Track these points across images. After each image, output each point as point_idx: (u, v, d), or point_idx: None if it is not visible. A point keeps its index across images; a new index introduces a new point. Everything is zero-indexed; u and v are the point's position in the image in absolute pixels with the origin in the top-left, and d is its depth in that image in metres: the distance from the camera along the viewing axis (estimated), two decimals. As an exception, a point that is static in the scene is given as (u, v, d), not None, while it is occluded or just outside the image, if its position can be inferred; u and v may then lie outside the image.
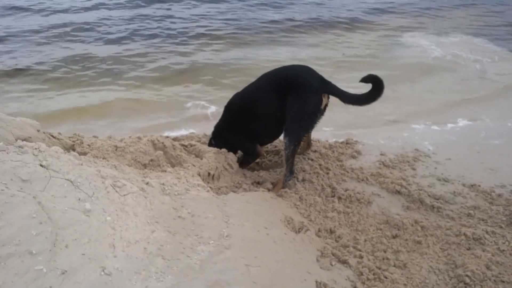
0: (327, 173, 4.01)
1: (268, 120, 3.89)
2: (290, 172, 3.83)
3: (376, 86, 3.58)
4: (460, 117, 5.75)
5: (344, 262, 2.86)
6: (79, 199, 2.21)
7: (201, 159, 3.73)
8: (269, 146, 4.66)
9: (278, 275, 2.40)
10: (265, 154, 4.50)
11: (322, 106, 3.76)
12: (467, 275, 2.75)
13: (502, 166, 4.27)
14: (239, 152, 4.28)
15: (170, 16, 10.97)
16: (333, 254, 2.92)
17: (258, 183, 3.90)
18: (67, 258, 1.91)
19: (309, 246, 2.94)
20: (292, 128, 3.71)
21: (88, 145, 3.32)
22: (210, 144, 4.24)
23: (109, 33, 9.60)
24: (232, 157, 4.02)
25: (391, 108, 6.08)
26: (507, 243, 3.12)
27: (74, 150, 3.23)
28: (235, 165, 4.02)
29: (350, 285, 2.65)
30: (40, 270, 1.79)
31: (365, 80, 3.63)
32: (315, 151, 4.49)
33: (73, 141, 3.37)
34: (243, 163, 4.19)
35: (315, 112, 3.75)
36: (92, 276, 1.91)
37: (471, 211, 3.50)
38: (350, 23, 10.96)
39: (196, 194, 2.98)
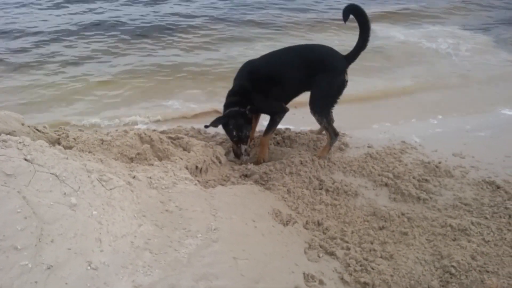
0: (315, 166, 4.02)
1: (291, 88, 4.21)
2: (335, 134, 4.23)
3: (360, 18, 3.92)
4: (444, 109, 5.82)
5: (331, 254, 2.87)
6: (65, 194, 2.19)
7: (189, 152, 3.72)
8: (258, 140, 4.66)
9: (266, 268, 2.41)
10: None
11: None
12: (452, 266, 2.79)
13: (488, 157, 4.32)
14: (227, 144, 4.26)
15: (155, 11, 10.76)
16: (320, 246, 2.93)
17: (246, 176, 3.89)
18: (53, 253, 1.89)
19: (297, 238, 2.95)
20: (318, 105, 4.10)
21: (74, 139, 3.28)
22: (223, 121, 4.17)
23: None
24: (220, 150, 4.01)
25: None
26: (492, 233, 3.17)
27: (59, 144, 3.19)
28: (223, 158, 4.01)
29: (337, 277, 2.67)
30: (26, 265, 1.78)
31: (347, 13, 3.96)
32: (302, 144, 4.51)
33: (59, 135, 3.33)
34: (272, 125, 4.24)
35: (340, 90, 4.11)
36: (78, 270, 1.90)
37: (457, 203, 3.54)
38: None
39: (183, 188, 2.97)
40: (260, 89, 4.10)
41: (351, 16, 3.97)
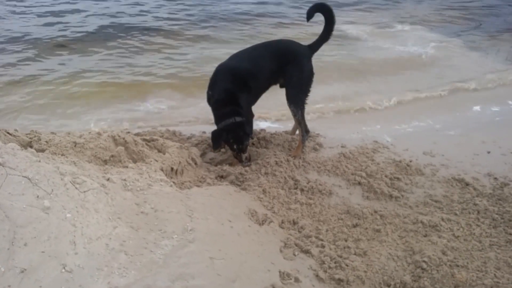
0: (290, 166, 4.06)
1: (264, 82, 4.31)
2: (306, 131, 4.40)
3: (327, 14, 4.21)
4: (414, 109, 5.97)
5: (306, 252, 2.91)
6: (38, 197, 2.16)
7: (164, 154, 3.71)
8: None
9: (242, 267, 2.43)
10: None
11: None
12: (424, 261, 2.86)
13: (457, 156, 4.44)
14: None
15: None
16: (296, 245, 2.97)
17: (222, 177, 3.91)
18: (26, 256, 1.87)
19: (272, 237, 2.98)
20: (295, 95, 4.24)
21: (46, 141, 3.23)
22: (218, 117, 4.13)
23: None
24: (195, 152, 4.01)
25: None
26: (461, 229, 3.27)
27: (31, 147, 3.14)
28: (199, 160, 4.01)
29: (312, 274, 2.71)
30: (-2, 269, 1.75)
31: (312, 12, 4.21)
32: (278, 145, 4.55)
33: (30, 138, 3.27)
34: (249, 130, 4.15)
35: (310, 77, 4.32)
36: (52, 273, 1.88)
37: (428, 200, 3.64)
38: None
39: (159, 189, 2.96)
40: (245, 88, 4.13)
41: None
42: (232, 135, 3.99)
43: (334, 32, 4.29)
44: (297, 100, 4.23)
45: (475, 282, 2.72)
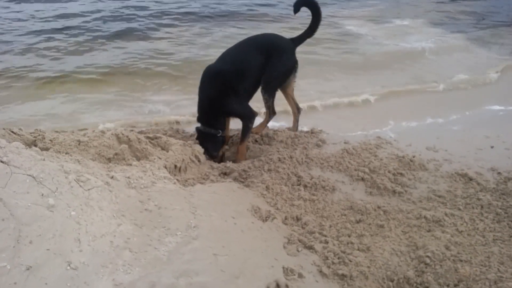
0: (293, 163, 4.07)
1: (254, 78, 4.40)
2: (273, 112, 4.69)
3: (313, 9, 4.35)
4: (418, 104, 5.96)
5: (310, 247, 2.92)
6: (42, 195, 2.18)
7: (167, 151, 3.72)
8: (234, 138, 4.70)
9: (246, 263, 2.44)
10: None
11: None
12: (427, 256, 2.86)
13: (461, 151, 4.44)
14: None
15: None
16: (299, 241, 2.98)
17: (225, 174, 3.92)
18: (32, 254, 1.89)
19: (276, 233, 2.99)
20: (269, 84, 4.42)
21: (50, 140, 3.25)
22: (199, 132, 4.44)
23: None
24: (198, 149, 4.02)
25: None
26: (465, 224, 3.26)
27: (35, 145, 3.16)
28: (202, 157, 4.02)
29: (316, 270, 2.71)
30: (4, 267, 1.77)
31: (299, 5, 4.35)
32: (281, 141, 4.55)
33: (35, 137, 3.29)
34: (247, 132, 4.37)
35: (291, 70, 4.52)
36: (58, 271, 1.90)
37: (431, 195, 3.63)
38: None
39: (162, 187, 2.97)
40: (231, 91, 4.20)
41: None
42: (201, 140, 4.36)
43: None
44: (271, 90, 4.45)
45: (478, 276, 2.72)
